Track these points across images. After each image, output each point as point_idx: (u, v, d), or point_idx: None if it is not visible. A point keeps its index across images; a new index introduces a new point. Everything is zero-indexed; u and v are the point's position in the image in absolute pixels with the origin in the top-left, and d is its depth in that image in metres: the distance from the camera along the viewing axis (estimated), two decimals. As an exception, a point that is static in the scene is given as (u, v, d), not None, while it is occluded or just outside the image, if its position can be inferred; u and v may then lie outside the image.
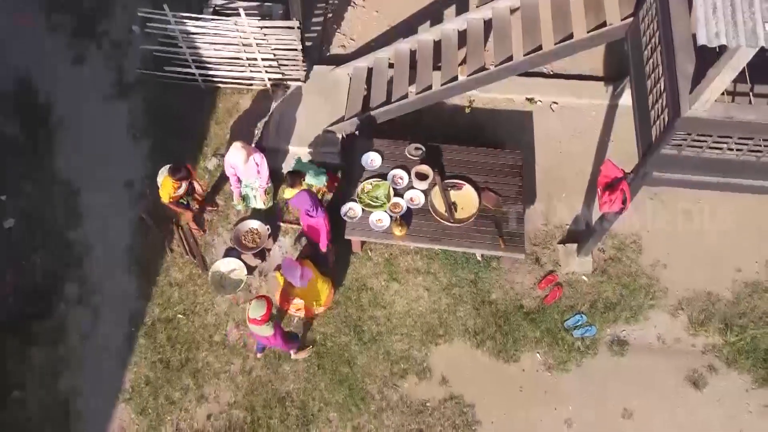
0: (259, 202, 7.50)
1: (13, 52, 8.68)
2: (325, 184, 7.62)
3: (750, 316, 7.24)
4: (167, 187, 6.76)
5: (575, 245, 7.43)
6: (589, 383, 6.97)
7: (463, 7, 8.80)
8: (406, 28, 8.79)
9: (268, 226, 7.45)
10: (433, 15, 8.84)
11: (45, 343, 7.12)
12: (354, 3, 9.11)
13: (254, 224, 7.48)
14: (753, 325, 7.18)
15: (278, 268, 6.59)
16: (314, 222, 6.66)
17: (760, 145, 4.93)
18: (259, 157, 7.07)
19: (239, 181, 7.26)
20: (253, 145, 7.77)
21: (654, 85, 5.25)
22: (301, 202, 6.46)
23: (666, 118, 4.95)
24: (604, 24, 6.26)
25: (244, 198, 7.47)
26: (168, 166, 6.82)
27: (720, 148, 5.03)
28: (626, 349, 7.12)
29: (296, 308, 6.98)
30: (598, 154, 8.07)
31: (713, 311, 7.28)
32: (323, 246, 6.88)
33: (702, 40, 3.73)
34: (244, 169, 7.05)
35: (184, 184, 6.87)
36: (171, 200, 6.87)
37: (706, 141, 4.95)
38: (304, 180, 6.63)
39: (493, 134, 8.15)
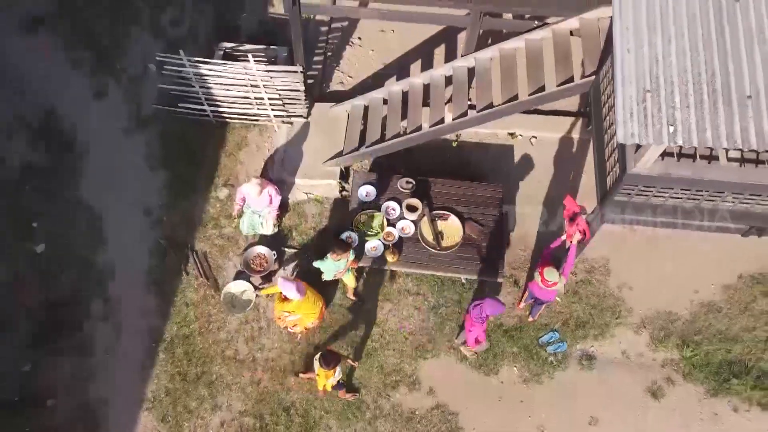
0: (267, 228, 8.29)
1: (39, 88, 9.44)
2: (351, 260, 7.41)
3: (705, 334, 8.10)
4: (323, 377, 6.81)
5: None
6: (560, 394, 7.82)
7: (450, 46, 9.64)
8: (399, 66, 9.64)
9: (274, 252, 8.28)
10: (423, 54, 9.67)
11: (74, 355, 7.93)
12: (352, 42, 9.93)
13: (262, 250, 8.30)
14: (707, 341, 8.03)
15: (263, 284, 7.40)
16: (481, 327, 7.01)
17: (698, 194, 5.78)
18: (273, 191, 7.84)
19: (243, 200, 7.97)
20: (260, 175, 8.59)
21: (609, 140, 6.09)
22: (495, 308, 6.71)
23: (617, 171, 5.79)
24: (571, 79, 7.09)
25: (240, 216, 8.17)
26: (318, 356, 6.78)
27: (664, 197, 5.87)
28: (594, 363, 7.98)
29: (292, 324, 7.73)
30: (572, 185, 8.91)
31: (672, 329, 8.13)
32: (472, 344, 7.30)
33: (620, 140, 4.59)
34: (257, 200, 7.84)
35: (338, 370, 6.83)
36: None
37: (651, 191, 5.79)
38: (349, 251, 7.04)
39: (478, 166, 8.99)
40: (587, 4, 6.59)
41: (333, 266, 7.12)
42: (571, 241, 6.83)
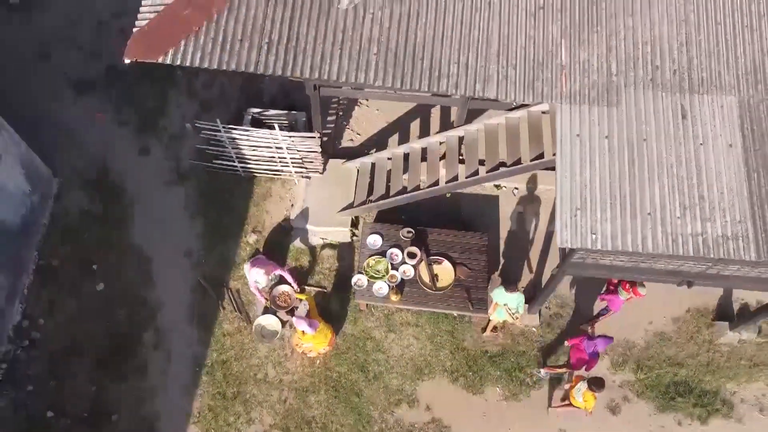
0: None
1: (92, 146, 11.04)
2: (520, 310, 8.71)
3: (657, 359, 9.69)
4: (590, 400, 8.07)
5: (526, 305, 9.85)
6: (534, 410, 9.42)
7: (445, 107, 11.17)
8: (401, 123, 11.21)
9: (296, 289, 9.87)
10: (421, 113, 11.23)
11: (132, 378, 9.55)
12: (360, 103, 11.50)
13: (286, 288, 9.88)
14: (658, 366, 9.63)
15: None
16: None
17: (636, 259, 7.35)
18: (279, 271, 9.21)
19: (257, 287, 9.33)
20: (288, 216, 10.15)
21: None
22: (607, 343, 8.42)
23: (573, 241, 7.36)
24: (542, 155, 8.65)
25: (268, 300, 9.62)
26: (589, 380, 7.98)
27: (610, 259, 7.44)
28: (563, 384, 9.56)
29: (308, 350, 9.38)
30: (548, 231, 10.47)
31: (629, 355, 9.72)
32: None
33: (559, 244, 6.17)
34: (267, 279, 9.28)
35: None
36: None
37: (598, 255, 7.36)
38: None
39: (467, 215, 10.56)
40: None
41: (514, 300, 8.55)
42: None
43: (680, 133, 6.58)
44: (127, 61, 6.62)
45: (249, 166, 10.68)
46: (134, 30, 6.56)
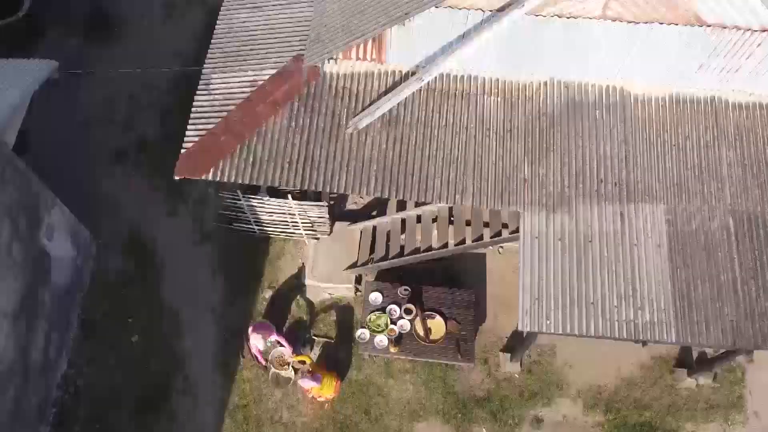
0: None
1: (126, 210, 12.50)
2: None
3: (624, 402, 11.00)
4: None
5: (509, 354, 11.20)
6: (516, 448, 10.75)
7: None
8: (399, 188, 12.61)
9: (290, 348, 11.02)
10: (418, 178, 12.63)
11: (163, 420, 10.93)
12: (362, 169, 12.91)
13: (281, 350, 10.88)
14: (625, 408, 10.93)
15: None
16: None
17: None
18: (275, 337, 10.50)
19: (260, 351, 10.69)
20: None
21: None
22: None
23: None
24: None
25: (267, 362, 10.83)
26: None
27: (574, 325, 8.80)
28: (542, 424, 10.88)
29: (317, 395, 10.74)
30: (529, 285, 11.82)
31: (600, 398, 11.03)
32: None
33: (520, 327, 7.55)
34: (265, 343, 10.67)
35: None
36: None
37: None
38: None
39: (458, 270, 11.93)
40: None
41: None
42: None
43: (618, 236, 7.98)
44: (177, 177, 8.07)
45: (265, 228, 12.10)
46: (181, 152, 8.02)
